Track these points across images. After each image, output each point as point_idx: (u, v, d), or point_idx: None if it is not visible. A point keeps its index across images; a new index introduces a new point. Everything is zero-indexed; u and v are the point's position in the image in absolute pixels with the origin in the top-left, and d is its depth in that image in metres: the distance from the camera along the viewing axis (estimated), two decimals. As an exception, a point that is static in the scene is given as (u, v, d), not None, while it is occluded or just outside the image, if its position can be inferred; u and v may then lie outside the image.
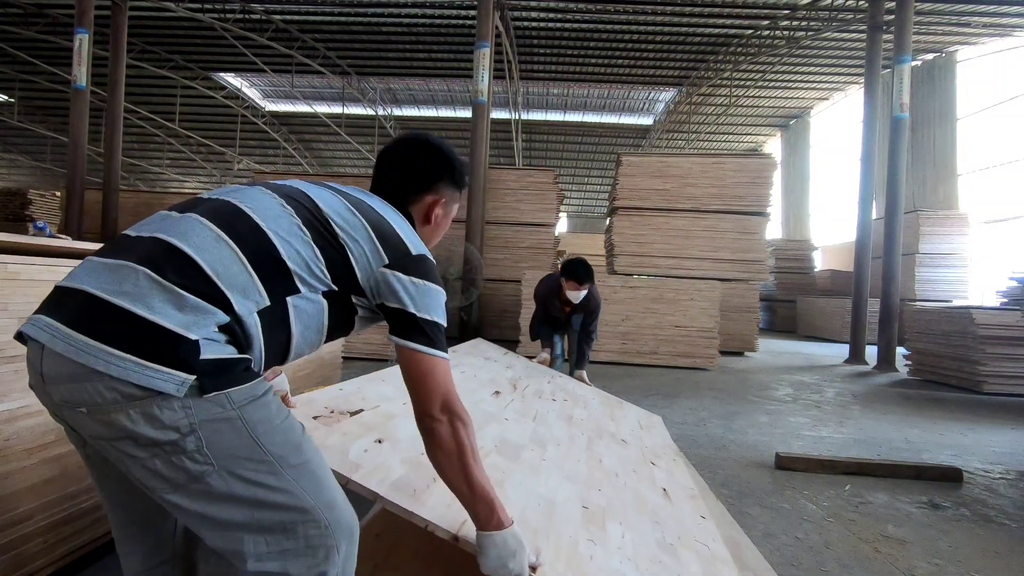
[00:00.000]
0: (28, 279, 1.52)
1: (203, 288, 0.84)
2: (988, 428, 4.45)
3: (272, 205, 0.97)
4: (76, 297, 0.83)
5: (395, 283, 0.98)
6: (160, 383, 0.78)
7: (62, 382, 0.81)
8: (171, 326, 0.80)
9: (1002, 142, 12.05)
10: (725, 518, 1.91)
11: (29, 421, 1.52)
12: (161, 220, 0.94)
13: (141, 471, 0.83)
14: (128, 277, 0.82)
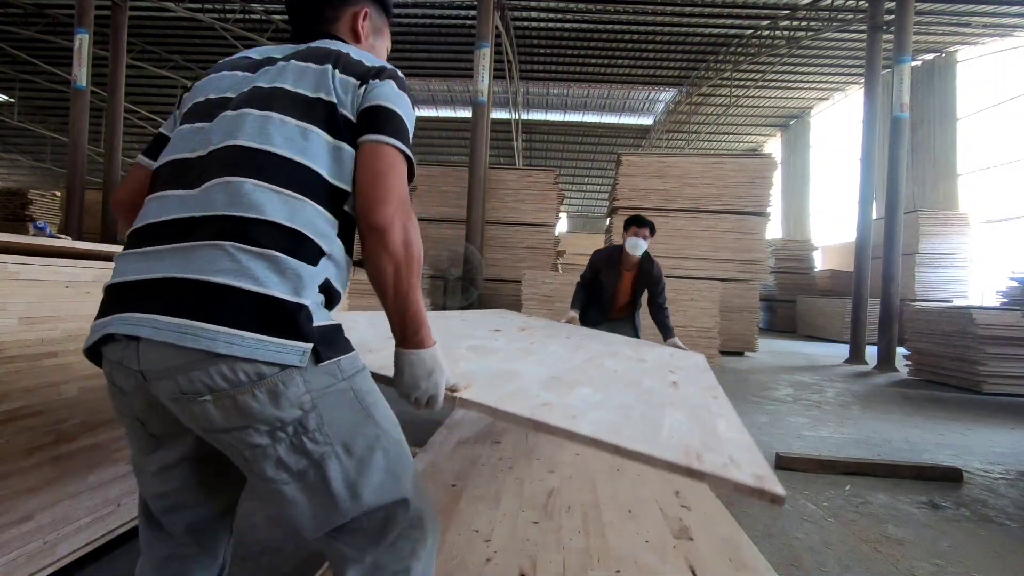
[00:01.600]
0: (28, 279, 1.52)
1: (293, 246, 0.82)
2: (988, 428, 4.45)
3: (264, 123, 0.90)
4: (163, 286, 0.79)
5: (370, 91, 0.94)
6: (285, 355, 0.76)
7: (176, 374, 0.76)
8: (281, 295, 0.78)
9: (1002, 142, 12.05)
10: (725, 518, 1.91)
11: (29, 421, 1.52)
12: (182, 200, 0.87)
13: (262, 461, 0.79)
14: (218, 255, 0.78)
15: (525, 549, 1.61)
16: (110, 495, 1.82)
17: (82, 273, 1.69)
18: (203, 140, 0.91)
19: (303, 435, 0.79)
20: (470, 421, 3.14)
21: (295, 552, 1.94)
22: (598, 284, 3.47)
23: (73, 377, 1.66)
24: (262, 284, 0.77)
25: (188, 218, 0.84)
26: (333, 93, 0.92)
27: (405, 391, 0.94)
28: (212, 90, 0.99)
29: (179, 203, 0.86)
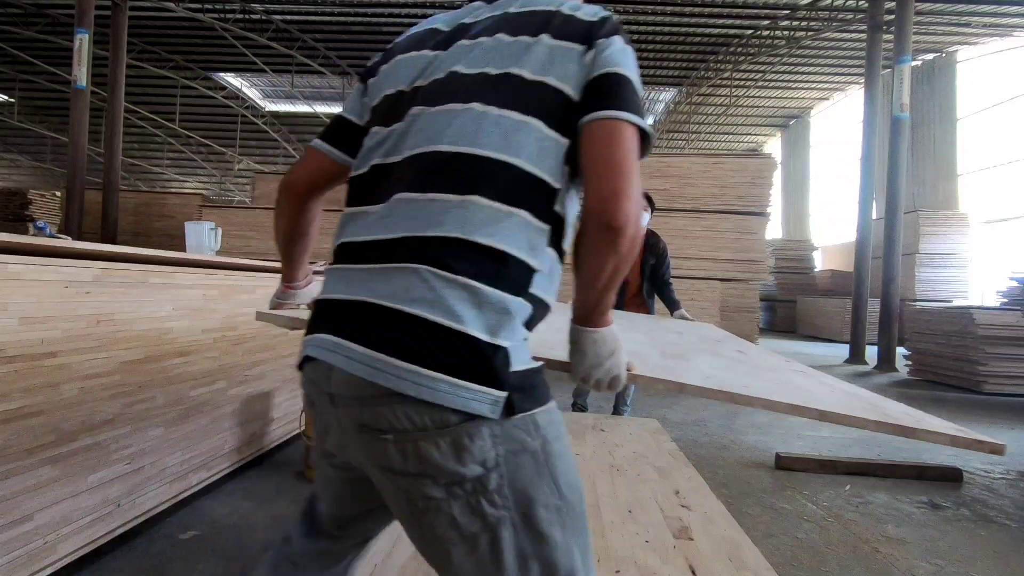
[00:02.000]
0: (28, 279, 1.52)
1: (496, 270, 0.71)
2: (988, 428, 4.45)
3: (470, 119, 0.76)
4: (359, 310, 0.72)
5: (599, 55, 0.77)
6: (475, 404, 0.67)
7: (361, 406, 0.71)
8: (478, 333, 0.68)
9: (1002, 142, 12.04)
10: (725, 518, 1.91)
11: (29, 421, 1.52)
12: (378, 217, 0.78)
13: (434, 516, 0.70)
14: (413, 281, 0.70)
15: (525, 549, 1.61)
16: (110, 495, 1.82)
17: (82, 273, 1.69)
18: (395, 144, 0.81)
19: (481, 495, 0.69)
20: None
21: (295, 552, 1.94)
22: None
23: (73, 377, 1.66)
24: (458, 319, 0.68)
25: (385, 239, 0.75)
26: (556, 73, 0.77)
27: (586, 371, 0.85)
28: (401, 79, 0.86)
29: (375, 220, 0.78)
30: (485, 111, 0.75)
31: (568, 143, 0.77)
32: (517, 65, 0.77)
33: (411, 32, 0.95)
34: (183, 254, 2.19)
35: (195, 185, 27.25)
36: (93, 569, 1.75)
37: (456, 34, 0.85)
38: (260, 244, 8.78)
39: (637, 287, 3.64)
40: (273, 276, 2.89)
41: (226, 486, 2.49)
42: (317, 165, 0.97)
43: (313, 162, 0.98)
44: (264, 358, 2.81)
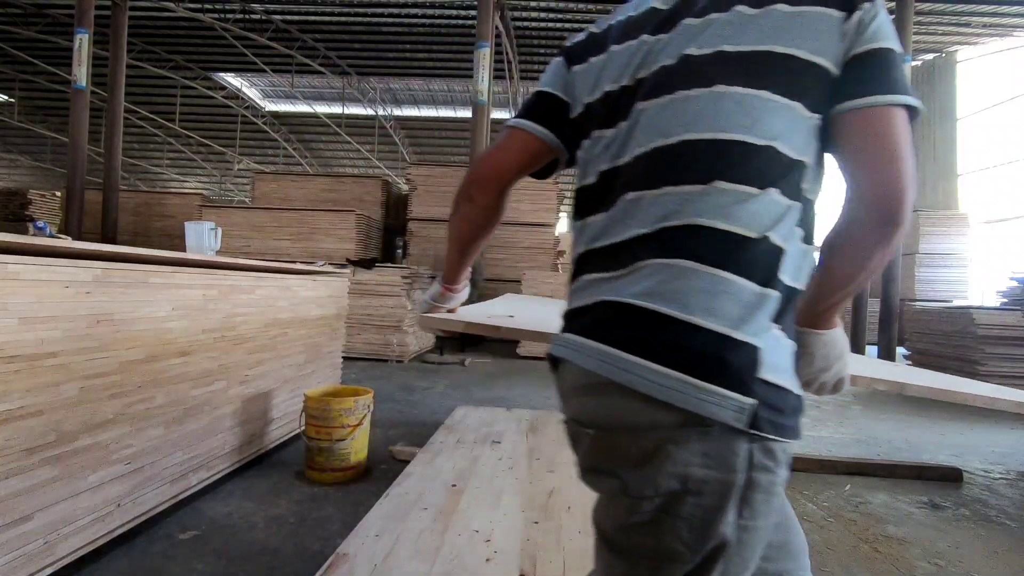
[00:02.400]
0: (28, 279, 1.52)
1: (741, 256, 0.66)
2: (988, 428, 4.45)
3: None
4: (596, 311, 0.72)
5: (864, 26, 0.68)
6: (714, 409, 0.61)
7: (600, 404, 0.68)
8: (716, 327, 0.63)
9: (1002, 142, 12.04)
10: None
11: (29, 421, 1.52)
12: (612, 220, 0.75)
13: (667, 521, 0.64)
14: (646, 275, 0.68)
15: (525, 549, 1.61)
16: (110, 495, 1.82)
17: (82, 273, 1.69)
18: (622, 145, 0.76)
19: (716, 512, 0.63)
20: (470, 421, 3.14)
21: (294, 552, 1.95)
22: None
23: (73, 377, 1.66)
24: (690, 311, 0.64)
25: (618, 241, 0.73)
26: (809, 46, 0.68)
27: (814, 375, 0.78)
28: (620, 72, 0.79)
29: (606, 224, 0.76)
30: (725, 92, 0.69)
31: (820, 118, 0.70)
32: (764, 39, 0.69)
33: (624, 15, 0.84)
34: (183, 254, 2.19)
35: (195, 185, 27.25)
36: (93, 569, 1.75)
37: (679, 12, 0.76)
38: (260, 244, 8.78)
39: None
40: (273, 276, 2.90)
41: (226, 486, 2.49)
42: (524, 147, 0.90)
43: (520, 144, 0.90)
44: (264, 358, 2.81)
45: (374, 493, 2.38)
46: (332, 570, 1.45)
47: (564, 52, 0.90)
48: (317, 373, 3.51)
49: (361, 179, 10.78)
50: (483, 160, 0.95)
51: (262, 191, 10.47)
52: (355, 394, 2.85)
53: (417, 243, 9.39)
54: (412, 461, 2.40)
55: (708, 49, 0.71)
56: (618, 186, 0.75)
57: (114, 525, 1.84)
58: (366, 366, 6.02)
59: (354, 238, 8.63)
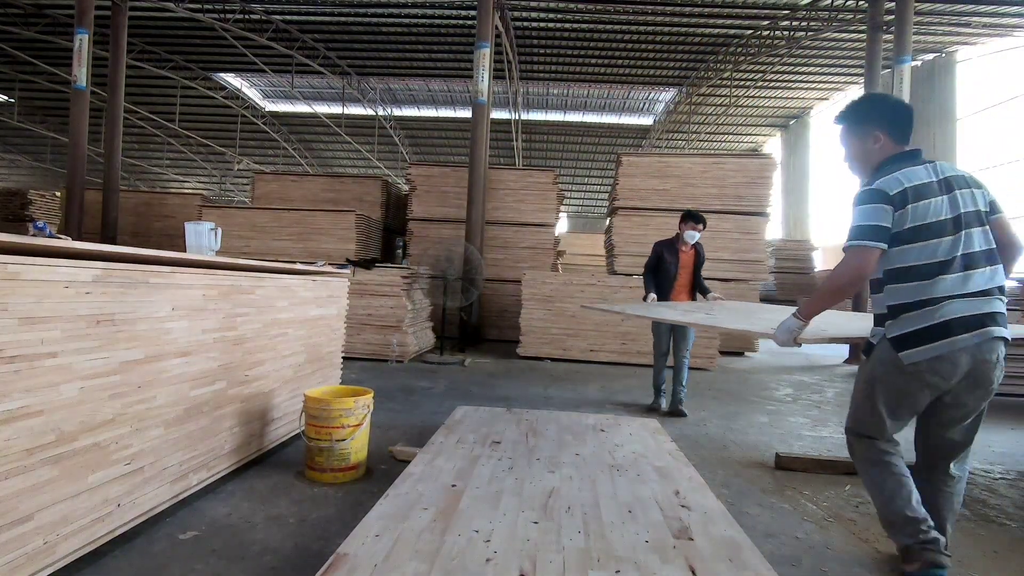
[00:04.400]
0: (28, 279, 1.52)
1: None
2: (988, 428, 4.45)
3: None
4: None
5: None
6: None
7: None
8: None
9: (1002, 142, 12.04)
10: (725, 518, 1.91)
11: (29, 421, 1.52)
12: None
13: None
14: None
15: (525, 549, 1.61)
16: (110, 495, 1.82)
17: (82, 273, 1.69)
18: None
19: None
20: (470, 421, 3.14)
21: (294, 552, 1.95)
22: (663, 265, 4.52)
23: (73, 377, 1.66)
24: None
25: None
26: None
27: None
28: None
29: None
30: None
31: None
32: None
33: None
34: (183, 254, 2.19)
35: (195, 185, 27.26)
36: (93, 569, 1.76)
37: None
38: (260, 244, 8.79)
39: (684, 283, 4.62)
40: (273, 276, 2.90)
41: (226, 486, 2.49)
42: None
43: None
44: (264, 358, 2.81)
45: (374, 493, 2.38)
46: (332, 570, 1.45)
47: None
48: (317, 373, 3.51)
49: (361, 179, 10.78)
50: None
51: (262, 191, 10.47)
52: (355, 394, 2.85)
53: (417, 243, 9.39)
54: (412, 461, 2.40)
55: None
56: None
57: (114, 525, 1.84)
58: (366, 366, 6.02)
59: (354, 238, 8.63)
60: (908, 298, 1.86)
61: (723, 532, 1.78)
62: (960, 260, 1.82)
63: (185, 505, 2.24)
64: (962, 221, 1.84)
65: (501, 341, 8.77)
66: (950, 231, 1.83)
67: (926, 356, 1.80)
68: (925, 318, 1.81)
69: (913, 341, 1.82)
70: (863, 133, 2.01)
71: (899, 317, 1.87)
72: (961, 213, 1.85)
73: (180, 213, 10.59)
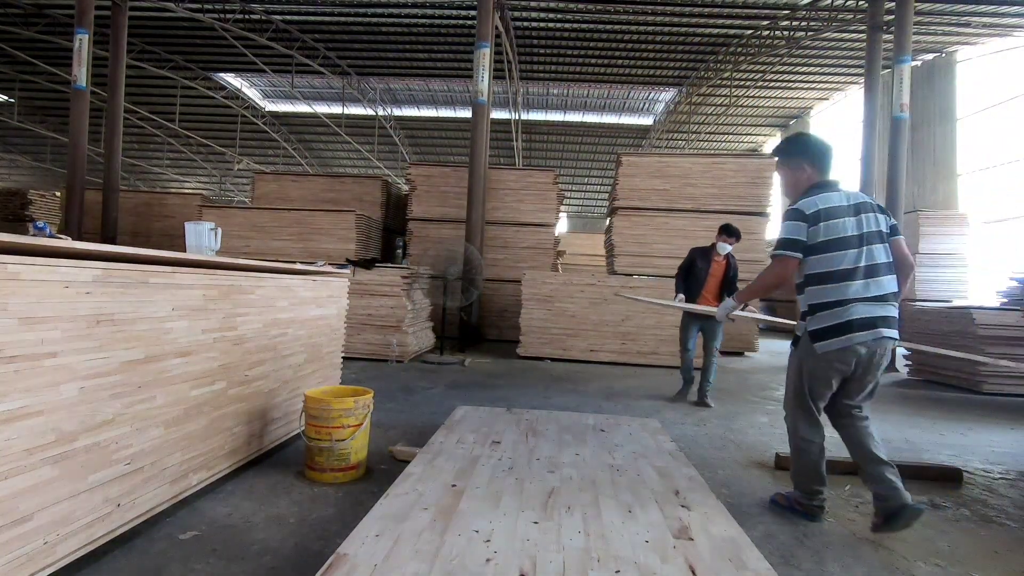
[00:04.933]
0: (28, 279, 1.51)
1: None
2: (988, 428, 4.45)
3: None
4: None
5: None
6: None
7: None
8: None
9: (1002, 142, 12.04)
10: (725, 518, 1.91)
11: (29, 421, 1.52)
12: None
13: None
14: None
15: (525, 549, 1.61)
16: (110, 495, 1.82)
17: (82, 273, 1.69)
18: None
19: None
20: (470, 421, 3.14)
21: (294, 552, 1.95)
22: (694, 269, 4.82)
23: (73, 377, 1.66)
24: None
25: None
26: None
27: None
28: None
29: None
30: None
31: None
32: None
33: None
34: (183, 254, 2.19)
35: (195, 185, 27.26)
36: (93, 569, 1.76)
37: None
38: (260, 244, 8.78)
39: (714, 288, 4.83)
40: (273, 276, 2.90)
41: (226, 486, 2.49)
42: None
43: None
44: (264, 358, 2.81)
45: (374, 493, 2.38)
46: (332, 570, 1.45)
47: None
48: (317, 373, 3.51)
49: (361, 179, 10.77)
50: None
51: (262, 191, 10.47)
52: (355, 394, 2.85)
53: (417, 243, 9.39)
54: (412, 461, 2.40)
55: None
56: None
57: (114, 525, 1.84)
58: (366, 366, 6.02)
59: (354, 238, 8.63)
60: (822, 299, 2.28)
61: (723, 532, 1.78)
62: (863, 270, 2.24)
63: (185, 505, 2.24)
64: (865, 238, 2.26)
65: (501, 341, 8.77)
66: (855, 245, 2.25)
67: (834, 347, 2.25)
68: (834, 317, 2.25)
69: (825, 335, 2.26)
70: (795, 165, 2.45)
71: (816, 315, 2.31)
72: (865, 232, 2.27)
73: (180, 213, 10.59)
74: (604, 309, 7.19)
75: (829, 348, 2.25)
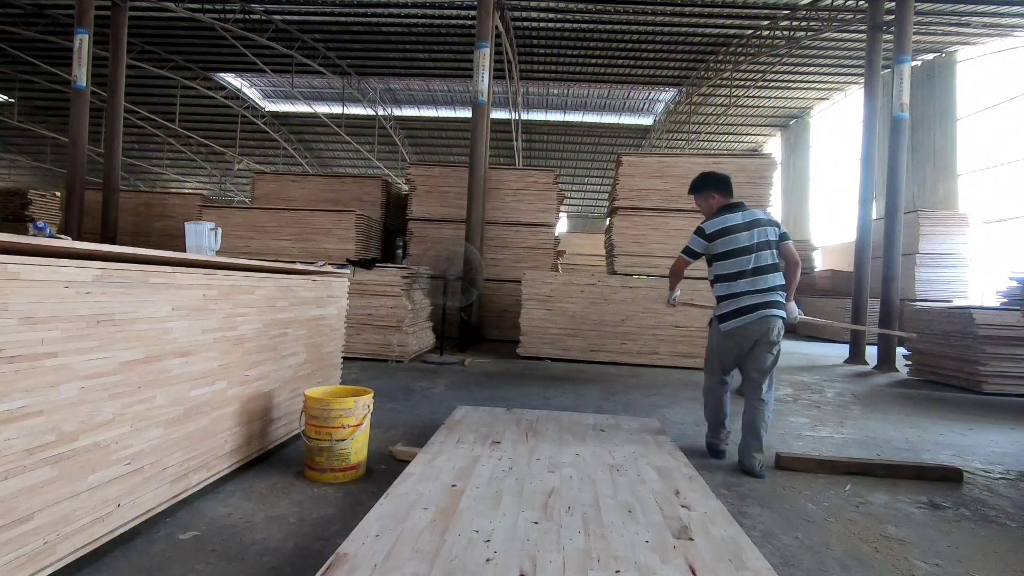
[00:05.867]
0: (28, 279, 1.51)
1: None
2: (988, 428, 4.45)
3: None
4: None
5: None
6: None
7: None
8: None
9: (1002, 142, 12.04)
10: (725, 518, 1.91)
11: (29, 421, 1.52)
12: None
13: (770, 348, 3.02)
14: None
15: (525, 549, 1.61)
16: (110, 495, 1.82)
17: (82, 273, 1.69)
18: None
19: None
20: (470, 421, 3.14)
21: (294, 552, 1.95)
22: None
23: (73, 377, 1.66)
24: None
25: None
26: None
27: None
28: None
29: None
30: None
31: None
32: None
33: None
34: (183, 254, 2.19)
35: (195, 185, 27.26)
36: (93, 569, 1.76)
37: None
38: (260, 244, 8.78)
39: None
40: (273, 276, 2.90)
41: (226, 486, 2.49)
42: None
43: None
44: (264, 358, 2.81)
45: (374, 493, 2.38)
46: (332, 570, 1.45)
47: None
48: (317, 373, 3.51)
49: (361, 179, 10.77)
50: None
51: (262, 191, 10.47)
52: (355, 394, 2.85)
53: (417, 243, 9.38)
54: (412, 461, 2.40)
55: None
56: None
57: (114, 525, 1.84)
58: (366, 366, 6.02)
59: (354, 238, 8.63)
60: (724, 292, 3.10)
61: (723, 532, 1.78)
62: (752, 270, 3.01)
63: (185, 505, 2.24)
64: (755, 247, 3.02)
65: (501, 341, 8.77)
66: (747, 253, 3.02)
67: (733, 327, 3.04)
68: (732, 304, 3.05)
69: (726, 319, 3.07)
70: (705, 195, 3.29)
71: (720, 304, 3.13)
72: (756, 242, 3.02)
73: (180, 213, 10.59)
74: (604, 309, 7.19)
75: (729, 327, 3.05)
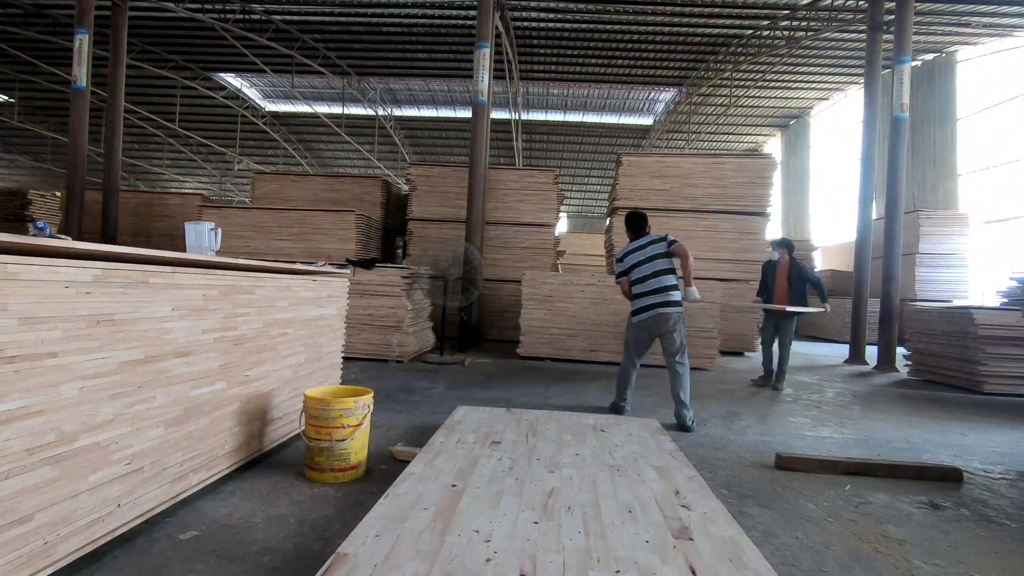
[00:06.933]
0: (28, 279, 1.52)
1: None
2: (988, 428, 4.45)
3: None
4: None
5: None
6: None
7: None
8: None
9: (1002, 142, 12.04)
10: (725, 518, 1.91)
11: (29, 421, 1.52)
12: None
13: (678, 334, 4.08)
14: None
15: (525, 549, 1.61)
16: (110, 495, 1.82)
17: (82, 273, 1.69)
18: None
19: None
20: (470, 421, 3.14)
21: (294, 552, 1.95)
22: (765, 278, 6.20)
23: (73, 377, 1.66)
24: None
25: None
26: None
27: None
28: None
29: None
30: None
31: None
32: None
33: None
34: (183, 254, 2.19)
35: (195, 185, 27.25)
36: (93, 569, 1.76)
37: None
38: (260, 244, 8.78)
39: (784, 290, 5.96)
40: (273, 276, 2.90)
41: (226, 486, 2.49)
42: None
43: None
44: (264, 358, 2.81)
45: (374, 493, 2.38)
46: (332, 570, 1.45)
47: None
48: (317, 373, 3.51)
49: (361, 179, 10.77)
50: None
51: (262, 191, 10.47)
52: (355, 394, 2.85)
53: (417, 243, 9.38)
54: (412, 461, 2.40)
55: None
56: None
57: (114, 525, 1.84)
58: (366, 366, 6.02)
59: (354, 238, 8.63)
60: (636, 294, 4.12)
61: (723, 532, 1.78)
62: (650, 276, 4.05)
63: (185, 505, 2.24)
64: (651, 259, 4.08)
65: (501, 341, 8.77)
66: (646, 263, 4.09)
67: (641, 320, 4.07)
68: (638, 303, 4.10)
69: (635, 314, 4.12)
70: (627, 230, 4.40)
71: (633, 303, 4.15)
72: (651, 255, 4.09)
73: (180, 213, 10.59)
74: (604, 309, 7.18)
75: (636, 320, 4.10)
